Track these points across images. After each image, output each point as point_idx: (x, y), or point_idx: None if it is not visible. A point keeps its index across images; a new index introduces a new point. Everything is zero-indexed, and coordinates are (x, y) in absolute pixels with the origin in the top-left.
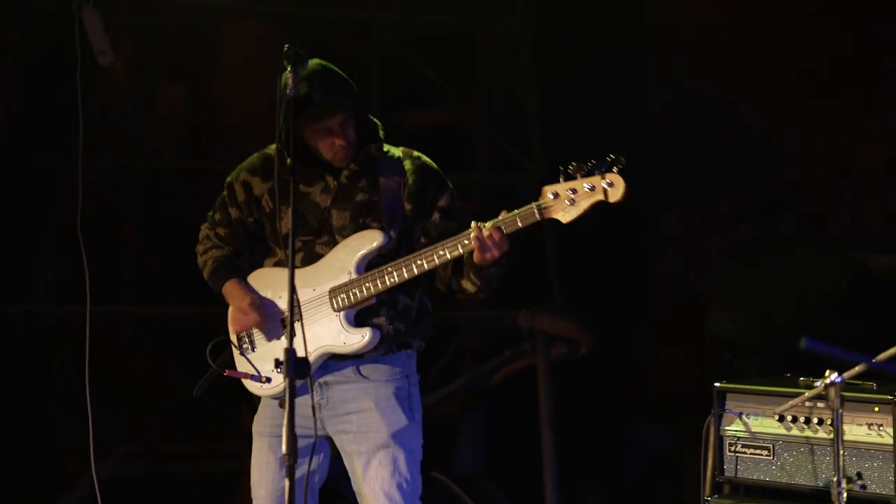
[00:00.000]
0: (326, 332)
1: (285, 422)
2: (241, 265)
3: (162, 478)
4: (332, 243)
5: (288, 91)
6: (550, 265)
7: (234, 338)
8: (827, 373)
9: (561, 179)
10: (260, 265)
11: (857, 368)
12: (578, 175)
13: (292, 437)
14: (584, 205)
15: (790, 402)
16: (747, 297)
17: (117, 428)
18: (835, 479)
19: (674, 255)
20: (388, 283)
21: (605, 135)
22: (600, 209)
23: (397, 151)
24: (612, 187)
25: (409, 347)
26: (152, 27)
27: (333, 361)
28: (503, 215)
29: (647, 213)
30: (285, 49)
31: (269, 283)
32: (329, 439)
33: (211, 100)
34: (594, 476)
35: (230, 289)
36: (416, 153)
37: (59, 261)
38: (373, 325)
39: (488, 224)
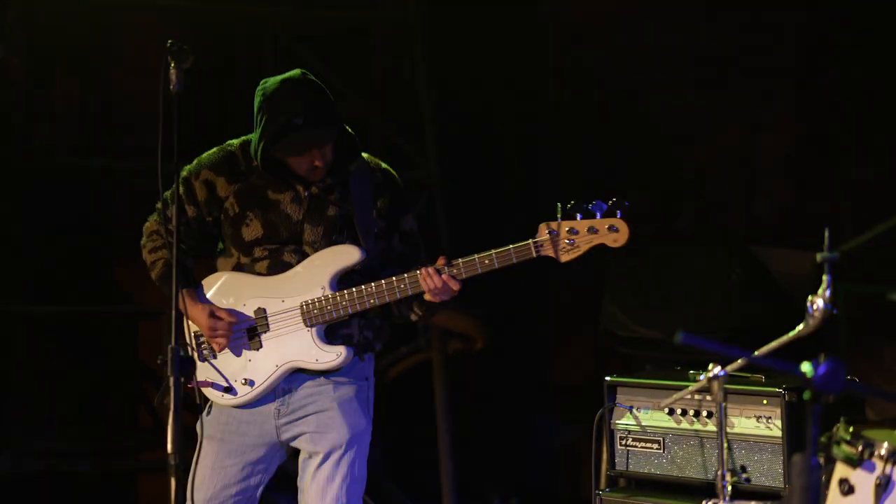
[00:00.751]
0: (297, 348)
1: (170, 419)
2: (190, 266)
3: (56, 475)
4: (300, 253)
5: (172, 87)
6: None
7: (192, 341)
8: (710, 366)
9: (558, 216)
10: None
11: (739, 362)
12: (578, 215)
13: (178, 434)
14: (584, 248)
15: (675, 396)
16: (639, 290)
17: (11, 425)
18: (719, 472)
19: None
20: (367, 306)
21: (501, 128)
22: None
23: (365, 157)
24: (616, 233)
25: (372, 350)
26: (47, 19)
27: (297, 373)
28: (484, 256)
29: (545, 204)
30: (168, 44)
31: (231, 288)
32: (284, 449)
33: (106, 94)
34: (494, 471)
35: (184, 302)
36: (384, 165)
37: None
38: (344, 337)
39: (445, 276)
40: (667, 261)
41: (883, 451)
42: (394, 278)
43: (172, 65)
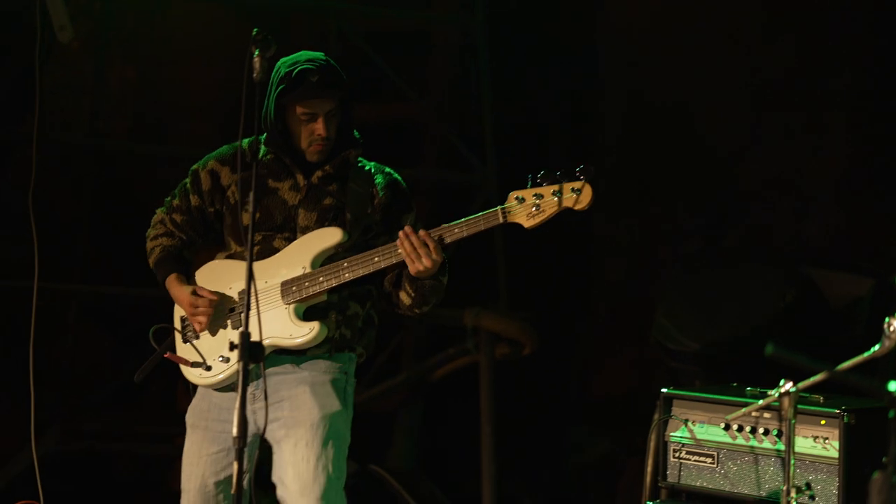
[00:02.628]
0: (274, 324)
1: (237, 404)
2: (188, 258)
3: (98, 457)
4: (292, 240)
5: (255, 75)
6: (499, 265)
7: (178, 324)
8: (782, 382)
9: (528, 185)
10: (211, 258)
11: (816, 378)
12: (545, 182)
13: (243, 420)
14: (548, 211)
15: (743, 410)
16: (692, 305)
17: (58, 404)
18: (784, 488)
19: (619, 263)
20: (343, 278)
21: (557, 140)
22: (564, 216)
23: (370, 165)
24: (579, 194)
25: (351, 350)
26: (110, 6)
27: (273, 355)
28: (455, 224)
29: (596, 219)
30: (254, 33)
31: (220, 273)
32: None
33: (161, 82)
34: (529, 477)
35: (172, 284)
36: (388, 169)
37: (7, 235)
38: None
39: (422, 232)
40: (721, 278)
41: None
42: (370, 251)
43: (256, 53)
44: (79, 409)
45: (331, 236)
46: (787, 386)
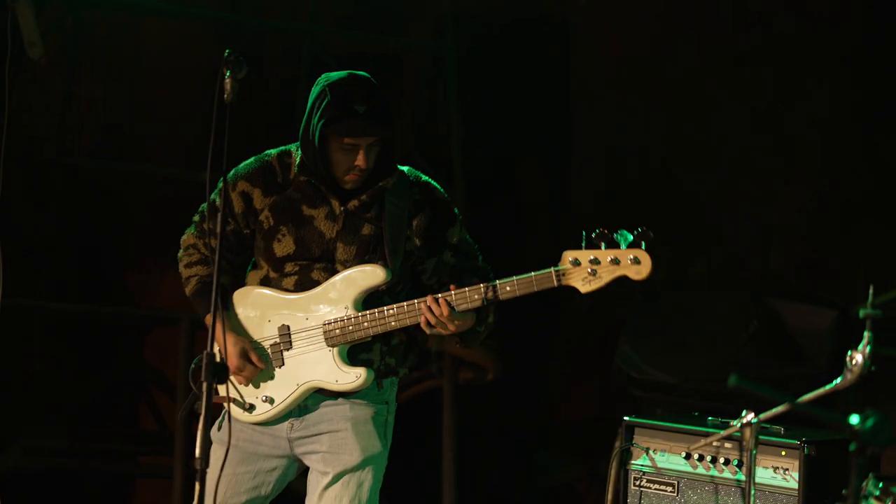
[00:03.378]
0: (318, 368)
1: (200, 426)
2: (226, 286)
3: (60, 474)
4: (331, 271)
5: (226, 97)
6: None
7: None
8: (744, 412)
9: (583, 245)
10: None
11: (778, 409)
12: (602, 244)
13: (206, 442)
14: (606, 278)
15: (704, 441)
16: (655, 334)
17: (20, 422)
18: None
19: None
20: (388, 327)
21: (525, 164)
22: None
23: (404, 172)
24: (639, 265)
25: (395, 375)
26: (81, 23)
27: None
28: (507, 282)
29: (562, 247)
30: (226, 54)
31: (257, 305)
32: (296, 463)
33: (132, 99)
34: (492, 502)
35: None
36: (423, 178)
37: None
38: (365, 362)
39: (431, 299)
40: (685, 306)
41: None
42: (416, 300)
43: (227, 74)
44: (41, 427)
45: (373, 276)
46: (749, 417)
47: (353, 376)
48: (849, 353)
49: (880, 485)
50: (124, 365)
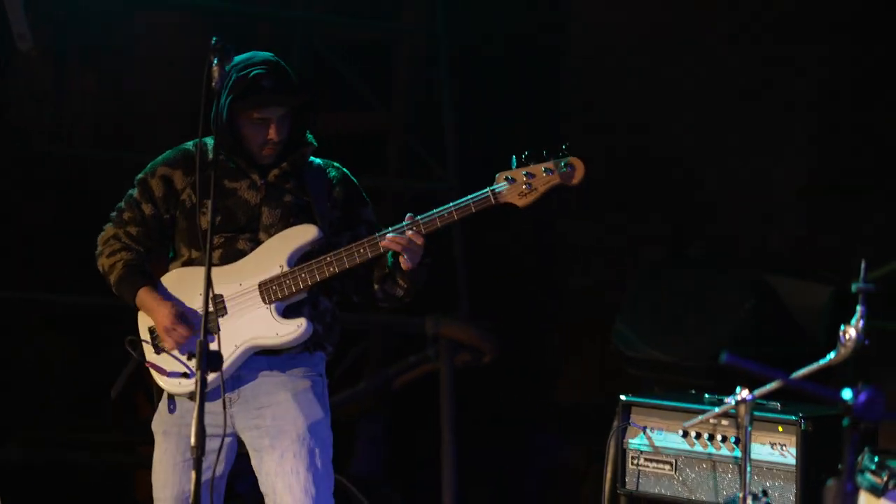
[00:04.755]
0: (257, 325)
1: (195, 414)
2: (148, 270)
3: (60, 466)
4: (255, 241)
5: (213, 84)
6: (459, 272)
7: (145, 334)
8: (738, 389)
9: (514, 166)
10: (163, 268)
11: (772, 385)
12: (532, 161)
13: (201, 431)
14: (541, 189)
15: (699, 418)
16: (653, 313)
17: (17, 414)
18: (741, 495)
19: (584, 270)
20: (327, 272)
21: (519, 147)
22: (556, 193)
23: (318, 160)
24: (573, 169)
25: (323, 350)
26: (71, 14)
27: (249, 357)
28: (445, 209)
29: (559, 227)
30: (213, 42)
31: (188, 281)
32: (236, 438)
33: (123, 90)
34: (492, 484)
35: (145, 298)
36: (336, 164)
37: None
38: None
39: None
40: (682, 284)
41: None
42: (353, 244)
43: (215, 62)
44: (40, 419)
45: (306, 233)
46: (744, 394)
47: (294, 326)
48: (842, 327)
49: (876, 459)
50: (121, 355)
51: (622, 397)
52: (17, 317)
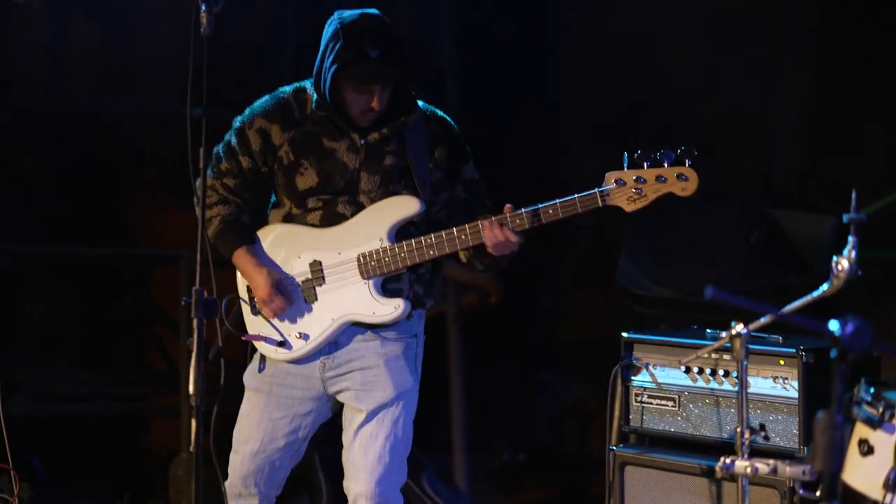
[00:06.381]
0: (355, 301)
1: (192, 362)
2: (248, 224)
3: (69, 418)
4: (355, 204)
5: (202, 31)
6: None
7: (244, 293)
8: (733, 323)
9: (625, 167)
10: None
11: (764, 319)
12: (645, 164)
13: (201, 379)
14: (651, 197)
15: (695, 354)
16: (656, 249)
17: (26, 368)
18: (738, 429)
19: None
20: (426, 256)
21: (513, 78)
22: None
23: (421, 105)
24: (686, 181)
25: (422, 307)
26: None
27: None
28: (549, 206)
29: (560, 160)
30: None
31: (285, 242)
32: (329, 405)
33: (125, 39)
34: (501, 426)
35: (242, 261)
36: (439, 113)
37: None
38: (393, 291)
39: (507, 222)
40: (685, 220)
41: None
42: (454, 229)
43: (203, 8)
44: (48, 372)
45: (408, 206)
46: (738, 328)
47: (392, 307)
48: (834, 258)
49: (871, 390)
50: (128, 306)
51: (624, 334)
52: (29, 267)
